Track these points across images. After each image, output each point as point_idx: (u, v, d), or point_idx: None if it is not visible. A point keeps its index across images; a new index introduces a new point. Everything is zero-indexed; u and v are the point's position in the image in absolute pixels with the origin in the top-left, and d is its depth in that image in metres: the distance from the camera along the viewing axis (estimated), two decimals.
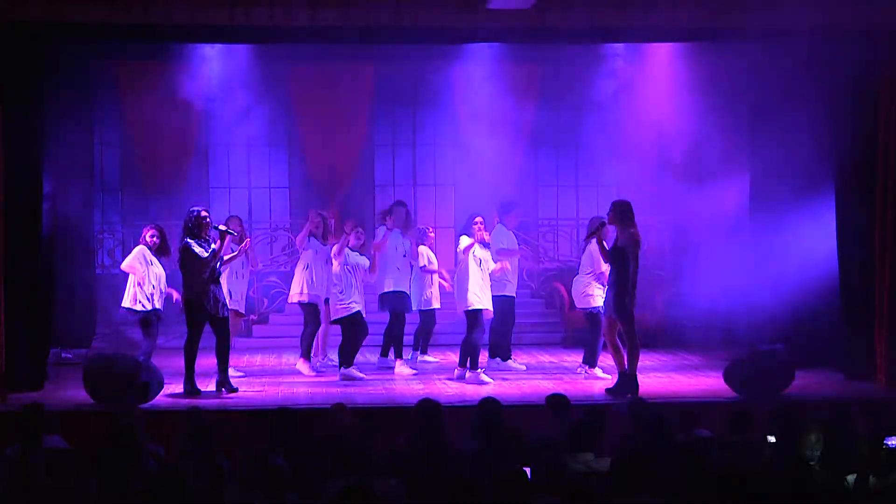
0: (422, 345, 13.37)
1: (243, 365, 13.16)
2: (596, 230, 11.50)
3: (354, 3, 11.07)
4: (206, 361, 11.66)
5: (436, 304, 13.10)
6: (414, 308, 12.92)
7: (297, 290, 12.64)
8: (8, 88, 11.26)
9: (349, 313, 12.03)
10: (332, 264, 12.17)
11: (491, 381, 11.86)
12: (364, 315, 12.17)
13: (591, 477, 7.15)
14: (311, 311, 12.62)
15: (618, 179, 15.92)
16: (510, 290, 12.68)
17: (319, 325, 12.73)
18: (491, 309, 12.16)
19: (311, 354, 12.77)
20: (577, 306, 12.51)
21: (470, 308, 11.99)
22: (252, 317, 15.34)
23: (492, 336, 12.81)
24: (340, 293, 12.03)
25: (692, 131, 14.83)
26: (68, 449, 8.20)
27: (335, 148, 16.17)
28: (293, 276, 12.87)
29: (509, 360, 12.88)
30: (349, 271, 12.07)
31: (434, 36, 12.39)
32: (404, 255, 12.62)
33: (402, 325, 12.80)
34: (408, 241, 12.73)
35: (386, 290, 12.62)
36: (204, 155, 16.11)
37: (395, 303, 12.66)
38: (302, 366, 12.61)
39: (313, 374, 12.45)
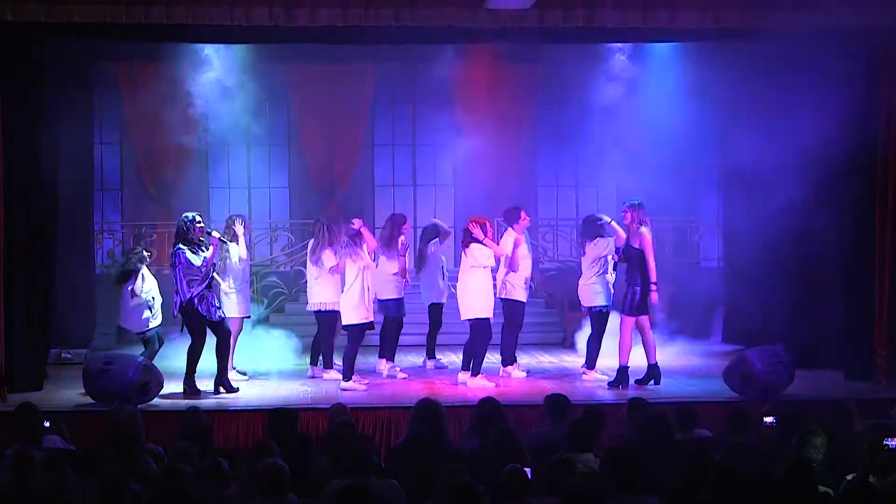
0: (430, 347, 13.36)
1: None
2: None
3: (354, 3, 11.07)
4: (208, 363, 11.65)
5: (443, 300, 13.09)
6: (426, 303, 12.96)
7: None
8: (8, 88, 11.26)
9: (366, 322, 11.82)
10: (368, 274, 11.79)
11: (492, 383, 11.84)
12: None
13: (590, 477, 7.14)
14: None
15: (617, 179, 15.92)
16: (521, 295, 12.63)
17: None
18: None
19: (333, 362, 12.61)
20: (584, 305, 12.35)
21: (482, 316, 11.96)
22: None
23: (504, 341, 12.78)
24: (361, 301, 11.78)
25: (692, 131, 14.84)
26: (68, 449, 8.19)
27: (335, 148, 16.18)
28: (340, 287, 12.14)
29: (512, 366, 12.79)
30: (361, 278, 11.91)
31: (434, 36, 12.38)
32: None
33: (394, 329, 12.75)
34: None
35: (385, 297, 12.61)
36: (204, 155, 16.10)
37: (391, 309, 12.66)
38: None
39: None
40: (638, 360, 11.81)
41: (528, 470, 6.65)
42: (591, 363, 12.28)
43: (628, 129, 15.28)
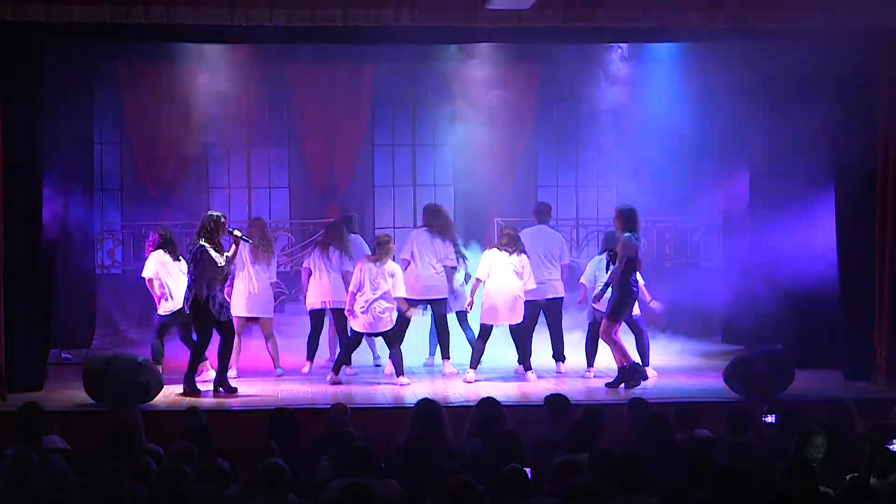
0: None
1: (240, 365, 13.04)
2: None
3: (354, 3, 11.07)
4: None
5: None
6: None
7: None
8: (8, 88, 11.26)
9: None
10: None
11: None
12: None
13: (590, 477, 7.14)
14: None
15: (618, 179, 15.91)
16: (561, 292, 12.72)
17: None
18: None
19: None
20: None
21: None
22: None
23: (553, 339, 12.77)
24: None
25: (692, 131, 14.83)
26: (68, 449, 8.19)
27: (335, 148, 16.15)
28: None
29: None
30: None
31: (434, 36, 12.39)
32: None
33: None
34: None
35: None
36: (204, 155, 16.07)
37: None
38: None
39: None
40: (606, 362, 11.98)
41: (528, 470, 6.65)
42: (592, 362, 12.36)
43: (629, 128, 15.27)
